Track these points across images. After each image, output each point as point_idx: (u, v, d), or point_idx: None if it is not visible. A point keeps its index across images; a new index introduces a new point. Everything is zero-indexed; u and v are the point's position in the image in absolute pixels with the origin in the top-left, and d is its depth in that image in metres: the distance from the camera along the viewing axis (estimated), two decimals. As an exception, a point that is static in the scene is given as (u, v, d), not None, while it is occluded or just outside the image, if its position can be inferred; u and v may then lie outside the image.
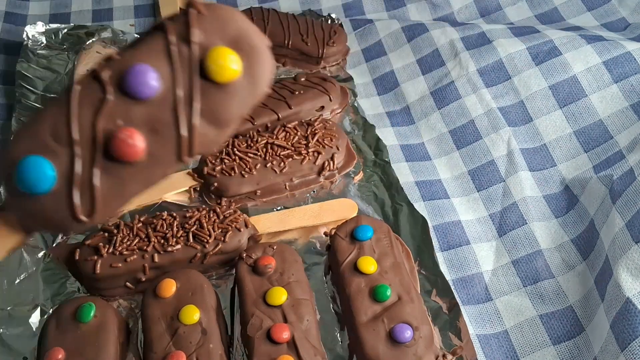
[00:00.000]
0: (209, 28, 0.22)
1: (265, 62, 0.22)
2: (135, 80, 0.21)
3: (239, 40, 0.22)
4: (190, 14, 0.22)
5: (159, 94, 0.21)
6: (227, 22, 0.22)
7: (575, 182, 0.53)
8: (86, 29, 0.69)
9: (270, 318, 0.44)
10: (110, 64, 0.22)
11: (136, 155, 0.21)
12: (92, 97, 0.22)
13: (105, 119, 0.21)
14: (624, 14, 0.70)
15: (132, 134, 0.21)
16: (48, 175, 0.21)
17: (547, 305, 0.47)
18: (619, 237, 0.44)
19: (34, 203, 0.22)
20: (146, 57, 0.21)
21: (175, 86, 0.21)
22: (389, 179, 0.56)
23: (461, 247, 0.52)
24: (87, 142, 0.21)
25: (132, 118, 0.21)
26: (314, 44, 0.66)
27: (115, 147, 0.21)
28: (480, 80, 0.61)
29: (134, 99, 0.21)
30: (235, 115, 0.22)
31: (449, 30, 0.66)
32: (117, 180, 0.22)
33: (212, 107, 0.22)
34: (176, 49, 0.21)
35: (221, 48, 0.21)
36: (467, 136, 0.59)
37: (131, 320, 0.47)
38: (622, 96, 0.56)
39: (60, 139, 0.21)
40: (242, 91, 0.22)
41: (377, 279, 0.46)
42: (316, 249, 0.52)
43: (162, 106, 0.21)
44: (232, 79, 0.22)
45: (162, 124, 0.21)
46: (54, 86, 0.63)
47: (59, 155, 0.21)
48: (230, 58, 0.21)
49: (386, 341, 0.43)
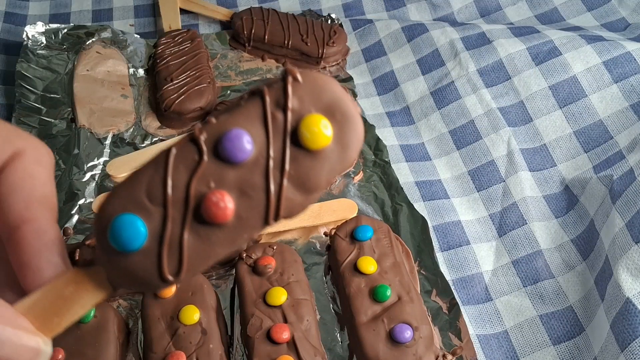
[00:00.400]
0: (304, 96, 0.22)
1: (356, 130, 0.23)
2: (230, 144, 0.22)
3: (332, 108, 0.22)
4: (287, 82, 0.22)
5: (252, 158, 0.22)
6: (322, 90, 0.22)
7: (575, 182, 0.53)
8: (86, 29, 0.69)
9: (270, 318, 0.44)
10: (207, 128, 0.22)
11: (225, 217, 0.22)
12: (187, 159, 0.22)
13: (198, 181, 0.22)
14: (623, 14, 0.70)
15: (223, 196, 0.22)
16: (140, 234, 0.22)
17: (547, 306, 0.47)
18: (619, 237, 0.44)
19: (124, 260, 0.22)
20: (242, 122, 0.22)
21: (268, 151, 0.22)
22: (389, 179, 0.56)
23: (461, 247, 0.52)
24: (179, 203, 0.22)
25: (224, 180, 0.22)
26: (313, 44, 0.66)
27: (206, 208, 0.22)
28: (480, 81, 0.61)
29: (227, 162, 0.22)
30: (323, 182, 0.23)
31: (448, 30, 0.66)
32: (204, 241, 0.22)
33: (302, 173, 0.22)
34: (271, 116, 0.22)
35: (315, 116, 0.22)
36: (467, 136, 0.59)
37: (131, 321, 0.47)
38: (622, 96, 0.56)
39: (154, 198, 0.22)
40: (331, 158, 0.22)
41: (377, 279, 0.46)
42: (316, 249, 0.52)
43: (253, 170, 0.22)
44: (323, 147, 0.22)
45: (252, 187, 0.22)
46: (53, 86, 0.63)
47: (151, 214, 0.22)
48: (322, 126, 0.22)
49: (386, 341, 0.43)
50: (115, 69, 0.65)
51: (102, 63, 0.65)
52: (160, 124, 0.62)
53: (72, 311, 0.23)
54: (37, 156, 0.24)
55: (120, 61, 0.66)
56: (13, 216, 0.23)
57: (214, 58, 0.68)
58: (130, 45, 0.68)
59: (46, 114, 0.61)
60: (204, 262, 0.23)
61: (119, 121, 0.61)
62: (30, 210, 0.23)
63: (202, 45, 0.67)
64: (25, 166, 0.24)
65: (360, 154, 0.59)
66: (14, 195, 0.23)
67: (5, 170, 0.24)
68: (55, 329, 0.23)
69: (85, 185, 0.56)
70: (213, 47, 0.69)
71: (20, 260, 0.23)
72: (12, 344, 0.21)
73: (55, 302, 0.23)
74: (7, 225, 0.23)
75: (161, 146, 0.57)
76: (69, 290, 0.23)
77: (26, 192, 0.24)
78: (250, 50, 0.69)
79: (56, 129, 0.60)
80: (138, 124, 0.61)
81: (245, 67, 0.68)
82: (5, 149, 0.24)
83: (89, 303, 0.23)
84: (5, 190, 0.23)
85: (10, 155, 0.24)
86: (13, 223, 0.23)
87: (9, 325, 0.21)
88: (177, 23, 0.71)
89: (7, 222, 0.23)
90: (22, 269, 0.23)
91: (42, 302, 0.23)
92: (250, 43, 0.68)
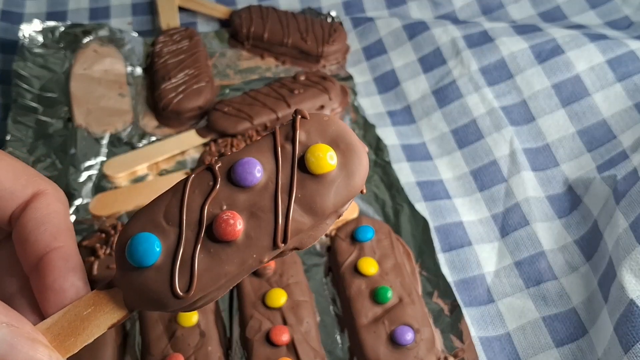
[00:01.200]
0: (311, 130, 0.25)
1: (360, 159, 0.25)
2: (241, 169, 0.24)
3: (337, 140, 0.25)
4: (296, 119, 0.25)
5: (262, 182, 0.25)
6: (328, 125, 0.25)
7: (578, 182, 0.53)
8: (83, 27, 0.68)
9: (269, 320, 0.43)
10: (223, 159, 0.25)
11: (235, 234, 0.24)
12: (203, 185, 0.25)
13: (212, 203, 0.24)
14: (627, 12, 0.69)
15: (234, 216, 0.24)
16: (154, 249, 0.24)
17: (550, 307, 0.47)
18: (623, 238, 0.44)
19: (138, 275, 0.24)
20: (254, 153, 0.25)
21: (277, 177, 0.25)
22: (390, 179, 0.56)
23: (463, 248, 0.51)
24: (193, 224, 0.24)
25: (236, 203, 0.24)
26: (313, 42, 0.66)
27: (217, 226, 0.24)
28: (482, 79, 0.61)
29: (238, 187, 0.24)
30: (330, 206, 0.25)
31: (450, 28, 0.65)
32: (214, 259, 0.24)
33: (308, 196, 0.24)
34: (281, 147, 0.25)
35: (320, 145, 0.25)
36: (468, 136, 0.59)
37: (129, 323, 0.46)
38: (625, 95, 0.55)
39: (171, 219, 0.24)
40: (337, 183, 0.25)
41: (378, 280, 0.45)
42: (316, 250, 0.51)
43: (263, 194, 0.24)
44: (327, 171, 0.24)
45: (262, 209, 0.24)
46: (50, 85, 0.63)
47: (167, 234, 0.24)
48: (327, 152, 0.25)
49: (387, 343, 0.42)
50: (113, 68, 0.65)
51: (99, 62, 0.65)
52: (158, 124, 0.61)
53: (87, 331, 0.24)
54: (57, 195, 0.27)
55: (117, 60, 0.66)
56: (42, 246, 0.26)
57: (213, 57, 0.68)
58: (128, 44, 0.67)
59: (43, 113, 0.60)
60: (214, 280, 0.24)
61: (116, 120, 0.60)
62: (57, 240, 0.26)
63: (201, 44, 0.66)
64: (49, 203, 0.27)
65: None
66: (42, 228, 0.26)
67: (30, 206, 0.26)
68: (71, 348, 0.24)
69: (82, 186, 0.55)
70: (212, 45, 0.69)
71: (45, 284, 0.25)
72: (27, 356, 0.22)
73: (73, 322, 0.24)
74: (34, 255, 0.26)
75: (162, 144, 0.58)
76: (88, 311, 0.25)
77: (53, 225, 0.26)
78: (249, 49, 0.68)
79: (53, 129, 0.59)
80: (135, 124, 0.61)
81: (244, 66, 0.67)
82: (29, 188, 0.27)
83: (105, 324, 0.25)
84: (33, 223, 0.26)
85: (33, 193, 0.27)
86: (41, 252, 0.25)
87: (25, 337, 0.23)
88: (175, 21, 0.70)
89: (34, 253, 0.26)
90: (45, 292, 0.25)
91: (61, 323, 0.24)
92: (249, 41, 0.68)
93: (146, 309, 0.25)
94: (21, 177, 0.26)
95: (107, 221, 0.52)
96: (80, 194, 0.54)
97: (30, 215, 0.26)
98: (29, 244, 0.26)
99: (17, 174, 0.26)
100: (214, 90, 0.63)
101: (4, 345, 0.22)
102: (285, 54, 0.67)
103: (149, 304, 0.25)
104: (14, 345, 0.22)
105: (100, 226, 0.51)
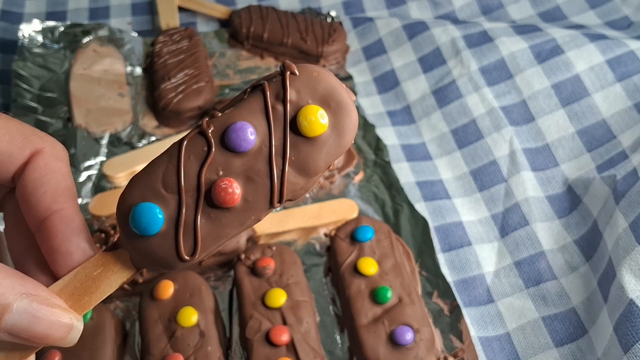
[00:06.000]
0: (301, 88, 0.25)
1: (350, 117, 0.25)
2: (235, 135, 0.24)
3: (327, 98, 0.25)
4: (285, 76, 0.25)
5: (255, 147, 0.25)
6: (317, 82, 0.25)
7: (578, 182, 0.53)
8: (83, 27, 0.68)
9: (269, 320, 0.43)
10: (214, 121, 0.25)
11: (234, 201, 0.25)
12: (197, 150, 0.25)
13: (208, 169, 0.25)
14: (627, 12, 0.69)
15: (231, 183, 0.24)
16: (158, 219, 0.25)
17: (549, 307, 0.47)
18: (622, 238, 0.44)
19: (145, 243, 0.25)
20: (245, 115, 0.25)
21: (270, 141, 0.25)
22: (390, 179, 0.56)
23: (462, 248, 0.51)
24: (191, 190, 0.25)
25: (231, 168, 0.25)
26: (313, 42, 0.66)
27: (215, 194, 0.24)
28: (482, 79, 0.61)
29: (233, 152, 0.25)
30: (322, 166, 0.25)
31: (450, 28, 0.65)
32: (215, 223, 0.25)
33: (302, 158, 0.25)
34: (272, 108, 0.25)
35: (311, 106, 0.25)
36: (468, 136, 0.59)
37: (128, 323, 0.46)
38: (625, 95, 0.55)
39: (169, 187, 0.25)
40: (328, 144, 0.25)
41: (378, 280, 0.45)
42: (316, 250, 0.51)
43: (257, 158, 0.25)
44: (320, 133, 0.25)
45: (257, 173, 0.25)
46: (50, 85, 0.63)
47: (167, 201, 0.25)
48: (319, 115, 0.25)
49: (387, 343, 0.42)
50: (112, 68, 0.65)
51: (99, 62, 0.65)
52: (157, 123, 0.61)
53: (100, 290, 0.25)
54: (55, 152, 0.27)
55: (117, 60, 0.66)
56: (42, 208, 0.26)
57: (213, 56, 0.68)
58: (128, 44, 0.67)
59: (42, 113, 0.60)
60: (216, 242, 0.25)
61: (115, 120, 0.60)
62: (57, 202, 0.26)
63: (200, 44, 0.66)
64: (47, 162, 0.26)
65: (360, 154, 0.58)
66: (41, 190, 0.26)
67: (28, 167, 0.26)
68: (86, 306, 0.25)
69: (81, 186, 0.55)
70: (211, 45, 0.69)
71: (51, 247, 0.25)
72: (48, 321, 0.23)
73: (85, 282, 0.25)
74: (37, 217, 0.26)
75: (162, 144, 0.57)
76: (97, 271, 0.25)
77: (52, 186, 0.26)
78: (249, 49, 0.68)
79: (52, 129, 0.59)
80: (135, 124, 0.61)
81: (243, 66, 0.67)
82: (26, 148, 0.26)
83: (116, 282, 0.26)
84: (33, 185, 0.26)
85: (31, 153, 0.26)
86: (43, 214, 0.26)
87: (44, 303, 0.23)
88: (175, 21, 0.70)
89: (36, 215, 0.26)
90: (53, 255, 0.25)
91: (73, 284, 0.25)
92: (248, 41, 0.68)
93: (153, 269, 0.25)
94: (17, 137, 0.26)
95: (106, 221, 0.52)
96: (80, 194, 0.54)
97: (30, 177, 0.26)
98: (31, 206, 0.26)
99: (13, 135, 0.26)
100: (214, 90, 0.63)
101: (26, 316, 0.23)
102: (285, 54, 0.67)
103: (156, 265, 0.26)
104: (35, 315, 0.23)
105: (100, 226, 0.51)
